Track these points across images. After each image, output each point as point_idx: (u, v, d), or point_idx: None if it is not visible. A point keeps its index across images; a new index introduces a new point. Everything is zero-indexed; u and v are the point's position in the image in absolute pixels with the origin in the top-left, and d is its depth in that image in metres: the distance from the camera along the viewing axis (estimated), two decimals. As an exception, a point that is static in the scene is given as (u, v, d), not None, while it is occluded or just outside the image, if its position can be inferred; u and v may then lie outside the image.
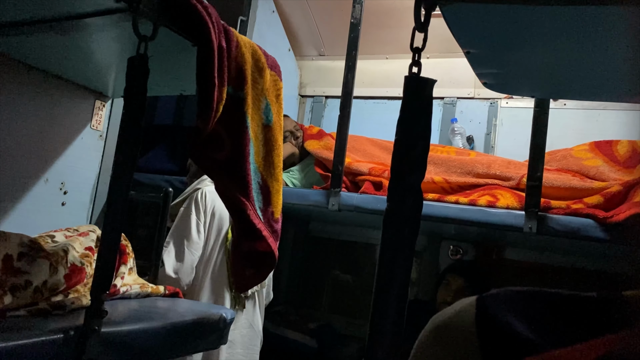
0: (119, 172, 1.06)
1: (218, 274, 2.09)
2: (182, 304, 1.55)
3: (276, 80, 1.51)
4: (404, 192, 0.82)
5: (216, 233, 2.12)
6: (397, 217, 0.81)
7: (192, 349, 1.42)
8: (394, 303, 0.79)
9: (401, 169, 0.83)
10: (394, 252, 0.80)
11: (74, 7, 1.19)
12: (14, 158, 1.71)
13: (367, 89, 3.53)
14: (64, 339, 0.96)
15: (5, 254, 1.02)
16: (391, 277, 0.79)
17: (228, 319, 1.46)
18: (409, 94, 0.84)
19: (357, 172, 2.48)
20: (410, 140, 0.83)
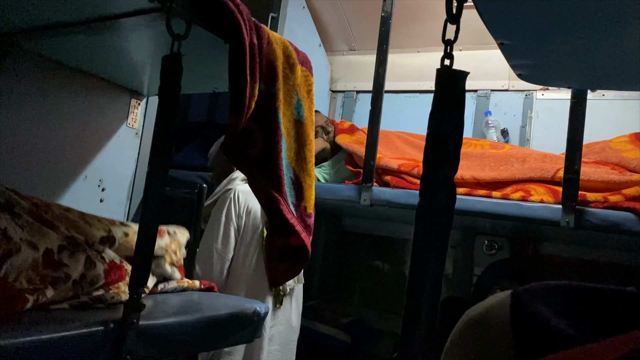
0: (154, 168, 1.08)
1: (256, 274, 2.07)
2: (217, 298, 1.57)
3: (307, 75, 1.51)
4: (436, 186, 0.82)
5: (252, 232, 2.11)
6: (430, 212, 0.81)
7: (226, 342, 1.44)
8: (427, 299, 0.79)
9: (434, 162, 0.82)
10: (427, 247, 0.79)
11: (109, 8, 1.22)
12: (55, 156, 1.77)
13: (398, 83, 3.50)
14: (104, 332, 0.99)
15: (45, 248, 1.05)
16: (424, 273, 0.78)
17: (262, 313, 1.48)
18: (441, 86, 0.83)
19: (387, 168, 2.47)
20: (443, 133, 0.83)
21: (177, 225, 1.64)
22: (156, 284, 1.45)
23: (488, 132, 3.09)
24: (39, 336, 0.88)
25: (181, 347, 1.22)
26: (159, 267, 1.46)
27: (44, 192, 1.73)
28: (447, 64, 0.83)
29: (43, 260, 1.05)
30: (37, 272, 1.03)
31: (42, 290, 1.04)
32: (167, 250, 1.46)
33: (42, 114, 1.70)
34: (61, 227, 1.16)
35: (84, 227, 1.23)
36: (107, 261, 1.22)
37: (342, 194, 2.49)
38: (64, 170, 1.81)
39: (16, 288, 0.97)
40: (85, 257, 1.15)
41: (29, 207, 1.13)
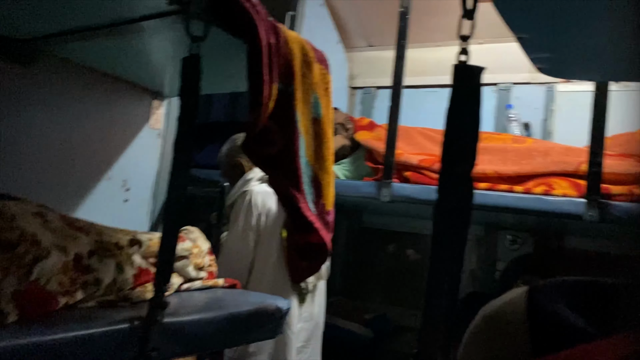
0: (176, 169, 1.10)
1: (277, 274, 2.08)
2: (240, 295, 1.59)
3: (325, 73, 1.52)
4: (454, 183, 0.82)
5: (271, 231, 2.11)
6: (448, 209, 0.81)
7: (248, 338, 1.46)
8: (446, 296, 0.79)
9: (451, 159, 0.82)
10: (446, 244, 0.79)
11: (130, 12, 1.25)
12: (80, 158, 1.81)
13: (418, 78, 3.48)
14: (129, 329, 1.01)
15: (76, 252, 1.09)
16: (443, 270, 0.79)
17: (284, 309, 1.49)
18: (457, 83, 0.83)
19: (407, 164, 2.46)
20: (460, 130, 0.82)
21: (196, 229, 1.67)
22: (182, 284, 1.48)
23: (510, 125, 3.06)
24: (67, 334, 0.91)
25: (204, 344, 1.24)
26: (184, 268, 1.49)
27: (70, 194, 1.78)
28: (463, 60, 0.83)
29: (73, 264, 1.08)
30: (68, 276, 1.06)
31: (73, 292, 1.07)
32: (191, 252, 1.49)
33: (67, 116, 1.75)
34: (91, 232, 1.20)
35: (112, 233, 1.27)
36: (136, 265, 1.25)
37: (362, 190, 2.49)
38: (89, 172, 1.86)
39: (47, 290, 1.00)
40: (115, 262, 1.18)
41: (59, 216, 1.16)
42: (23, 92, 1.60)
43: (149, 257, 1.33)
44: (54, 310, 1.01)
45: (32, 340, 0.87)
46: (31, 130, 1.64)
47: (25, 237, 0.97)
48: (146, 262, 1.31)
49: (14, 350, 0.84)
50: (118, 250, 1.22)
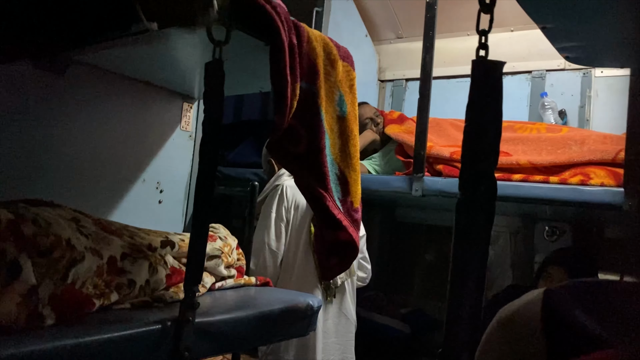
0: (203, 171, 1.13)
1: (305, 268, 2.13)
2: (272, 293, 1.61)
3: (349, 70, 1.51)
4: (476, 180, 0.81)
5: (300, 225, 2.17)
6: (470, 207, 0.80)
7: (281, 336, 1.48)
8: (470, 294, 0.78)
9: (472, 156, 0.82)
10: (468, 242, 0.79)
11: (154, 19, 1.27)
12: (114, 161, 1.86)
13: (448, 68, 3.43)
14: (162, 330, 1.04)
15: (109, 255, 1.12)
16: (466, 269, 0.78)
17: (315, 306, 1.50)
18: (477, 78, 0.82)
19: (438, 157, 2.43)
20: (481, 126, 0.81)
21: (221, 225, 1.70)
22: (214, 283, 1.51)
23: (545, 114, 2.98)
24: (103, 335, 0.95)
25: (237, 343, 1.27)
26: (216, 267, 1.52)
27: (106, 197, 1.83)
28: (483, 55, 0.81)
29: (107, 267, 1.11)
30: (102, 278, 1.10)
31: (108, 295, 1.10)
32: (222, 251, 1.52)
33: (100, 123, 1.80)
34: (124, 235, 1.23)
35: (144, 235, 1.30)
36: (169, 266, 1.28)
37: (393, 185, 2.48)
38: (124, 175, 1.91)
39: (83, 293, 1.04)
40: (148, 263, 1.21)
41: (94, 221, 1.20)
42: (57, 99, 1.66)
43: (181, 258, 1.37)
44: (89, 312, 1.05)
45: (70, 342, 0.90)
46: (66, 136, 1.70)
47: (60, 242, 1.01)
48: (178, 262, 1.35)
49: (52, 353, 0.87)
50: (151, 251, 1.26)
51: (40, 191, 1.41)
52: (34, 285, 0.94)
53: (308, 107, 1.35)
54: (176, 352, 1.06)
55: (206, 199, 1.12)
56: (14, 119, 1.55)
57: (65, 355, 0.89)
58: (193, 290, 1.08)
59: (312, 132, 1.36)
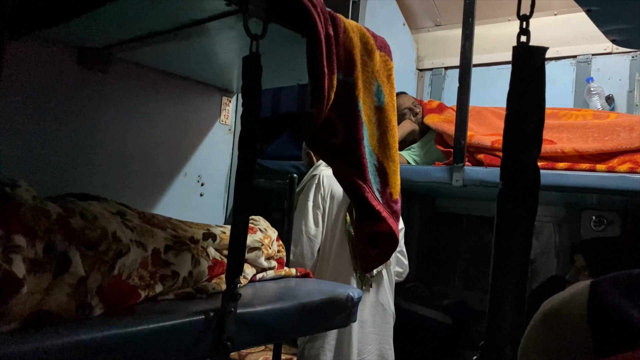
0: (242, 164, 1.14)
1: (340, 256, 2.14)
2: (312, 284, 1.62)
3: (386, 60, 1.49)
4: (518, 169, 0.79)
5: (336, 215, 2.18)
6: (512, 197, 0.78)
7: (321, 327, 1.48)
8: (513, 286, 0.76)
9: (514, 145, 0.79)
10: (511, 233, 0.77)
11: (193, 15, 1.29)
12: (157, 156, 1.91)
13: (488, 55, 3.35)
14: (205, 320, 1.06)
15: (153, 247, 1.15)
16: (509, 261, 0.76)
17: (355, 298, 1.51)
18: (518, 65, 0.79)
19: (479, 146, 2.38)
20: (523, 114, 0.79)
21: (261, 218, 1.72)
22: (255, 274, 1.53)
23: (591, 100, 2.87)
24: (149, 326, 0.97)
25: (277, 333, 1.28)
26: (257, 259, 1.54)
27: (150, 190, 1.88)
28: (524, 41, 0.79)
29: (152, 259, 1.15)
30: (147, 270, 1.13)
31: (153, 286, 1.14)
32: (262, 243, 1.54)
33: (142, 119, 1.84)
34: (167, 228, 1.26)
35: (186, 228, 1.33)
36: (211, 258, 1.31)
37: (433, 175, 2.45)
38: (166, 169, 1.95)
39: (130, 285, 1.08)
40: (191, 255, 1.24)
41: (138, 214, 1.24)
42: (102, 96, 1.71)
43: (222, 250, 1.39)
44: (135, 303, 1.08)
45: (118, 332, 0.93)
46: (110, 132, 1.75)
47: (107, 235, 1.04)
48: (220, 254, 1.37)
49: (101, 342, 0.91)
50: (193, 244, 1.28)
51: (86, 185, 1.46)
52: (83, 277, 0.97)
53: (345, 98, 1.34)
54: (219, 342, 1.08)
55: (246, 192, 1.13)
56: (60, 115, 1.61)
57: (114, 345, 0.93)
58: (235, 282, 1.09)
59: (350, 124, 1.35)
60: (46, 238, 0.94)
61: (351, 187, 1.38)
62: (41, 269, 0.92)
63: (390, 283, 2.28)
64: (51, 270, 0.94)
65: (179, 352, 1.03)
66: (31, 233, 0.92)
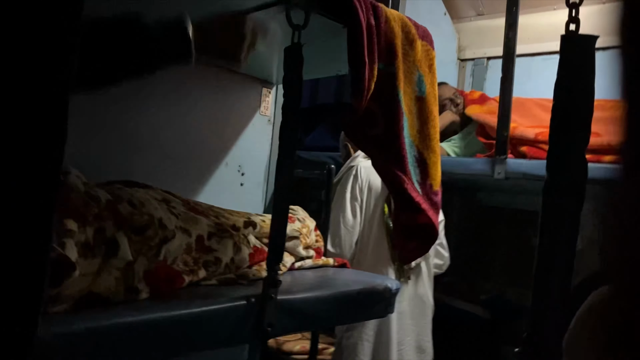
0: (282, 154, 1.16)
1: (378, 248, 2.14)
2: (350, 274, 1.63)
3: (428, 50, 1.48)
4: (565, 160, 0.77)
5: (374, 206, 2.18)
6: (559, 188, 0.77)
7: (359, 316, 1.49)
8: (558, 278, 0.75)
9: (561, 136, 0.78)
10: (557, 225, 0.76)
11: (236, 6, 1.31)
12: (200, 145, 1.95)
13: (533, 45, 3.26)
14: (246, 305, 1.09)
15: (197, 234, 1.18)
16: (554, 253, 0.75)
17: (393, 289, 1.51)
18: (567, 54, 0.77)
19: (522, 138, 2.32)
20: (571, 103, 0.77)
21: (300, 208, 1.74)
22: (293, 263, 1.55)
23: (641, 91, 2.76)
24: (193, 310, 1.00)
25: (316, 320, 1.30)
26: (295, 248, 1.56)
27: (193, 180, 1.93)
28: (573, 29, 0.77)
29: (196, 245, 1.18)
30: (191, 256, 1.16)
31: (196, 271, 1.17)
32: (300, 232, 1.55)
33: (186, 109, 1.88)
34: (210, 215, 1.30)
35: (228, 216, 1.36)
36: (252, 245, 1.33)
37: (474, 167, 2.41)
38: (208, 159, 1.99)
39: (175, 270, 1.11)
40: (232, 242, 1.27)
41: (182, 201, 1.27)
42: (145, 87, 1.75)
43: (262, 238, 1.41)
44: (180, 287, 1.11)
45: (163, 315, 0.97)
46: (156, 122, 1.79)
47: (153, 221, 1.08)
48: (260, 242, 1.39)
49: (147, 324, 0.94)
50: (235, 231, 1.31)
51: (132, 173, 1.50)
52: (131, 261, 1.01)
53: (386, 88, 1.34)
54: (260, 328, 1.10)
55: (286, 181, 1.15)
56: (109, 105, 1.66)
57: (160, 327, 0.96)
58: (275, 269, 1.11)
59: (390, 114, 1.35)
60: (96, 223, 0.98)
61: (390, 179, 1.38)
62: (91, 252, 0.96)
63: (430, 275, 2.27)
64: (101, 255, 0.98)
65: (221, 336, 1.06)
66: (82, 218, 0.96)
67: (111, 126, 1.67)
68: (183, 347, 1.00)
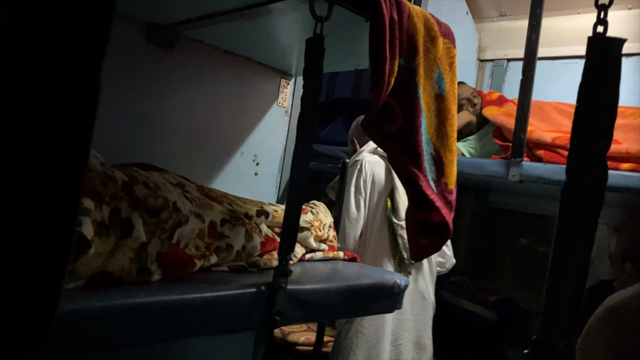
0: (299, 146, 1.16)
1: (379, 242, 2.15)
2: (359, 268, 1.63)
3: (449, 48, 1.47)
4: (586, 163, 0.76)
5: (377, 200, 2.19)
6: (578, 192, 0.76)
7: (367, 310, 1.50)
8: (572, 283, 0.75)
9: (584, 138, 0.77)
10: (573, 229, 0.75)
11: (262, -4, 1.31)
12: (216, 133, 1.96)
13: (555, 49, 3.22)
14: (257, 293, 1.10)
15: (210, 220, 1.19)
16: (569, 257, 0.74)
17: (402, 285, 1.51)
18: (593, 56, 0.77)
19: (539, 142, 2.31)
20: (594, 106, 0.76)
21: (322, 203, 1.74)
22: (304, 254, 1.56)
23: (663, 100, 2.72)
24: (203, 294, 1.01)
25: (325, 312, 1.30)
26: (306, 239, 1.56)
27: (208, 168, 1.94)
28: (600, 31, 0.76)
29: (208, 231, 1.19)
30: (204, 241, 1.17)
31: (208, 256, 1.18)
32: (312, 224, 1.56)
33: (204, 96, 1.89)
34: (224, 202, 1.30)
35: (241, 204, 1.37)
36: (263, 234, 1.34)
37: (488, 169, 2.40)
38: (224, 147, 2.00)
39: (187, 254, 1.12)
40: (245, 230, 1.28)
41: (197, 187, 1.28)
42: (165, 73, 1.77)
43: (274, 227, 1.42)
44: (191, 272, 1.12)
45: (174, 298, 0.98)
46: (173, 107, 1.80)
47: (168, 204, 1.09)
48: (272, 232, 1.40)
49: (159, 306, 0.95)
50: (247, 219, 1.32)
51: (149, 157, 1.51)
52: (144, 243, 1.02)
53: (405, 84, 1.33)
54: (269, 316, 1.11)
55: (303, 172, 1.15)
56: (128, 88, 1.67)
57: (170, 309, 0.97)
58: (286, 258, 1.12)
59: (408, 110, 1.34)
60: (112, 203, 0.99)
61: (405, 175, 1.37)
62: (106, 232, 0.97)
63: (431, 272, 2.26)
64: (115, 234, 0.99)
65: (230, 322, 1.07)
66: (99, 197, 0.97)
67: (130, 109, 1.69)
68: (193, 331, 1.02)
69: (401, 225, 2.10)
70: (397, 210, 2.14)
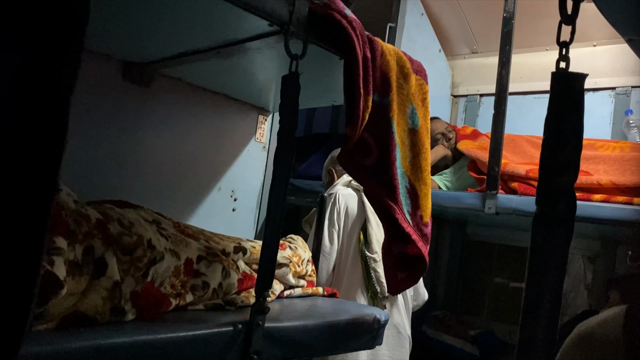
0: (276, 181, 1.16)
1: (352, 275, 2.14)
2: (339, 304, 1.62)
3: (422, 84, 1.51)
4: (555, 195, 0.78)
5: (350, 233, 2.19)
6: (548, 223, 0.77)
7: (347, 347, 1.48)
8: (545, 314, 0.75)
9: (551, 170, 0.79)
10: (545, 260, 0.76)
11: (236, 34, 1.33)
12: (193, 169, 1.95)
13: (526, 84, 3.33)
14: (233, 332, 1.08)
15: (186, 257, 1.18)
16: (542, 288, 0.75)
17: (382, 320, 1.50)
18: (557, 91, 0.79)
19: (513, 174, 2.35)
20: (560, 139, 0.79)
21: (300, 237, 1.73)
22: (283, 291, 1.54)
23: (629, 132, 2.81)
24: (178, 334, 0.99)
25: (304, 350, 1.28)
26: (285, 275, 1.55)
27: (184, 203, 1.92)
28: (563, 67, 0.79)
29: (184, 268, 1.17)
30: (179, 279, 1.15)
31: (184, 295, 1.16)
32: (290, 260, 1.55)
33: (181, 133, 1.89)
34: (200, 239, 1.29)
35: (218, 240, 1.36)
36: (241, 271, 1.32)
37: (465, 202, 2.43)
38: (201, 183, 1.99)
39: (162, 292, 1.10)
40: (222, 267, 1.26)
41: (173, 223, 1.27)
42: (142, 110, 1.77)
43: (252, 264, 1.41)
44: (167, 311, 1.10)
45: (148, 338, 0.96)
46: (150, 144, 1.80)
47: (142, 242, 1.07)
48: (250, 268, 1.39)
49: (132, 346, 0.93)
50: (224, 256, 1.30)
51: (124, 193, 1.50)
52: (118, 281, 1.00)
53: (380, 119, 1.36)
54: (246, 355, 1.09)
55: (279, 207, 1.15)
56: (103, 125, 1.67)
57: (143, 350, 0.95)
58: (264, 295, 1.11)
59: (383, 145, 1.36)
60: (85, 242, 0.98)
61: (382, 208, 1.38)
62: (79, 271, 0.95)
63: (406, 306, 2.24)
64: (89, 274, 0.97)
65: (206, 362, 1.04)
66: (72, 236, 0.96)
67: (106, 146, 1.68)
68: (167, 372, 0.99)
69: (374, 258, 2.10)
70: (369, 244, 2.14)
